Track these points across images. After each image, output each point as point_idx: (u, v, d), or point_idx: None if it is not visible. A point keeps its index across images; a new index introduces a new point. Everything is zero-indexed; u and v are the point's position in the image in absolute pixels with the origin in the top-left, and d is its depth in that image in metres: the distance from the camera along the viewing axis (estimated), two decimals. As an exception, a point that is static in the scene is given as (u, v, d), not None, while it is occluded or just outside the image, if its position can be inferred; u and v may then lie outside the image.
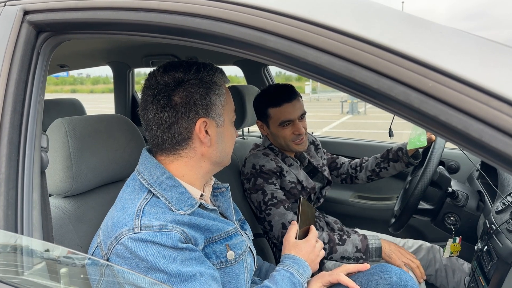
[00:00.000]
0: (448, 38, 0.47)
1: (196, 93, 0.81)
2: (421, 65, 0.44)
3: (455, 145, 0.44)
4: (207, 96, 0.82)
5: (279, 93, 1.45)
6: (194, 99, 0.81)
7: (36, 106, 0.71)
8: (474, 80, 0.42)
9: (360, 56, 0.47)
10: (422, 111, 0.43)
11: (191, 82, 0.81)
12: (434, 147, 1.43)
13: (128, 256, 0.72)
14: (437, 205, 1.49)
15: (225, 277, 0.85)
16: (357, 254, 1.33)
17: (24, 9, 0.73)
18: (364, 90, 0.47)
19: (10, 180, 0.64)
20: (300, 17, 0.52)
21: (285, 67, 0.54)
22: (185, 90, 0.81)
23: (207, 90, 0.82)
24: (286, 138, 1.48)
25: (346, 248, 1.33)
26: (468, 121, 0.41)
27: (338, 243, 1.34)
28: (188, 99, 0.81)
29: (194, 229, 0.79)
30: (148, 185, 0.81)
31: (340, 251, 1.34)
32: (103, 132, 0.98)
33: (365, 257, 1.33)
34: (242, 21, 0.57)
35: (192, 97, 0.81)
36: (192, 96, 0.81)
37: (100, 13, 0.65)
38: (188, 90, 0.81)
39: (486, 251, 1.17)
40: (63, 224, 0.90)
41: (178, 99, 0.80)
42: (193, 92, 0.81)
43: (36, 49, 0.73)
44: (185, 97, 0.80)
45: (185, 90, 0.81)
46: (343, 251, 1.34)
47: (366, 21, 0.50)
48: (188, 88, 0.81)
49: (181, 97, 0.80)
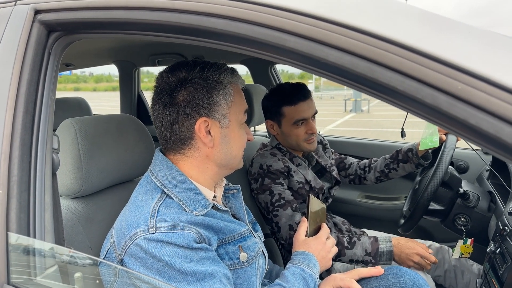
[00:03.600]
0: (477, 38, 0.46)
1: (197, 93, 0.80)
2: (449, 67, 0.42)
3: (486, 150, 0.43)
4: (210, 96, 0.81)
5: (295, 92, 1.44)
6: (195, 98, 0.80)
7: (48, 107, 0.70)
8: (506, 82, 0.40)
9: (384, 56, 0.45)
10: (450, 114, 0.42)
11: (193, 81, 0.81)
12: (445, 148, 1.41)
13: (143, 256, 0.71)
14: (447, 206, 1.48)
15: (237, 278, 0.84)
16: (367, 258, 1.31)
17: (35, 9, 0.72)
18: (389, 92, 0.46)
19: (23, 183, 0.63)
20: (321, 17, 0.50)
21: (305, 68, 0.53)
22: (187, 89, 0.80)
23: (211, 89, 0.81)
24: (299, 137, 1.47)
25: (355, 252, 1.32)
26: (500, 125, 0.40)
27: (347, 247, 1.33)
28: (189, 98, 0.80)
29: (208, 230, 0.79)
30: (162, 186, 0.81)
31: (348, 254, 1.32)
32: (112, 132, 0.97)
33: (375, 261, 1.31)
34: (260, 20, 0.55)
35: (193, 96, 0.80)
36: (193, 95, 0.80)
37: (114, 12, 0.64)
38: (190, 89, 0.80)
39: (499, 253, 1.16)
40: (73, 225, 0.89)
41: (180, 98, 0.80)
42: (194, 92, 0.80)
43: (47, 49, 0.72)
44: (187, 96, 0.80)
45: (187, 89, 0.80)
46: (351, 254, 1.32)
47: (390, 20, 0.49)
48: (190, 87, 0.80)
49: (183, 96, 0.80)
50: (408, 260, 1.32)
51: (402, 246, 1.34)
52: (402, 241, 1.35)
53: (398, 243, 1.34)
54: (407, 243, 1.35)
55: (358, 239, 1.35)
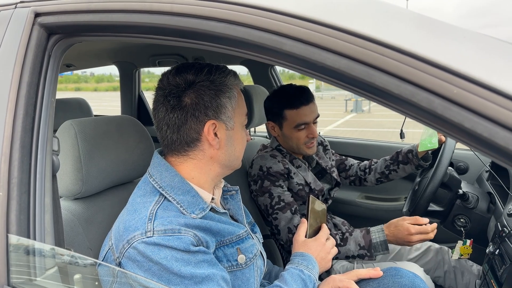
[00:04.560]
0: (473, 42, 0.46)
1: (206, 95, 0.81)
2: (445, 71, 0.43)
3: (481, 153, 0.43)
4: (217, 98, 0.82)
5: (297, 95, 1.43)
6: (204, 100, 0.80)
7: (48, 109, 0.70)
8: (501, 86, 0.41)
9: (380, 60, 0.46)
10: (445, 118, 0.42)
11: (201, 83, 0.81)
12: (444, 149, 1.41)
13: (140, 259, 0.71)
14: (447, 207, 1.48)
15: (236, 280, 0.85)
16: (362, 252, 1.28)
17: (35, 11, 0.72)
18: (385, 96, 0.46)
19: (23, 185, 0.63)
20: (318, 20, 0.51)
21: (302, 71, 0.53)
22: (195, 92, 0.80)
23: (218, 92, 0.82)
24: (299, 141, 1.46)
25: (349, 248, 1.29)
26: (494, 128, 0.40)
27: (340, 244, 1.30)
28: (198, 100, 0.80)
29: (206, 232, 0.79)
30: (160, 188, 0.81)
31: (343, 251, 1.30)
32: (112, 133, 0.97)
33: (370, 254, 1.27)
34: (257, 24, 0.56)
35: (202, 98, 0.80)
36: (202, 98, 0.80)
37: (113, 15, 0.64)
38: (198, 91, 0.80)
39: (498, 254, 1.16)
40: (73, 226, 0.90)
41: (188, 100, 0.80)
42: (203, 94, 0.80)
43: (47, 52, 0.72)
44: (195, 98, 0.80)
45: (195, 91, 0.80)
46: (346, 250, 1.30)
47: (387, 24, 0.49)
48: (198, 89, 0.80)
49: (191, 99, 0.80)
50: (406, 242, 1.26)
51: (394, 231, 1.27)
52: (392, 226, 1.28)
53: (389, 230, 1.28)
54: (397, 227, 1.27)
55: (350, 234, 1.32)
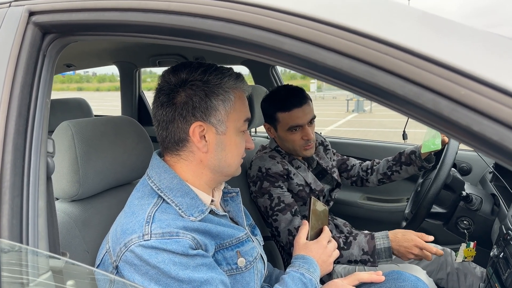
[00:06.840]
0: (481, 41, 0.44)
1: (196, 95, 0.79)
2: (451, 71, 0.41)
3: (490, 157, 0.41)
4: (208, 100, 0.79)
5: (289, 97, 1.40)
6: (193, 101, 0.79)
7: (42, 110, 0.69)
8: (510, 87, 0.39)
9: (384, 60, 0.44)
10: (452, 120, 0.40)
11: (193, 83, 0.79)
12: (448, 150, 1.39)
13: (138, 263, 0.70)
14: (450, 209, 1.46)
15: (235, 284, 0.83)
16: (365, 257, 1.27)
17: (29, 10, 0.70)
18: (389, 97, 0.44)
19: (15, 188, 0.62)
20: (319, 19, 0.49)
21: (302, 71, 0.51)
22: (186, 91, 0.79)
23: (210, 93, 0.80)
24: (295, 143, 1.45)
25: (352, 252, 1.28)
26: (505, 132, 0.38)
27: (343, 248, 1.29)
28: (187, 100, 0.79)
29: (205, 236, 0.77)
30: (158, 190, 0.79)
31: (346, 255, 1.28)
32: (110, 134, 0.96)
33: (373, 260, 1.26)
34: (256, 22, 0.54)
35: (191, 98, 0.79)
36: (191, 98, 0.79)
37: (107, 14, 0.62)
38: (189, 90, 0.79)
39: (502, 257, 1.14)
40: (70, 229, 0.88)
41: (178, 98, 0.80)
42: (193, 94, 0.79)
43: (42, 51, 0.70)
44: (185, 97, 0.79)
45: (186, 90, 0.79)
46: (349, 255, 1.28)
47: (391, 23, 0.47)
48: (189, 88, 0.79)
49: (182, 97, 0.79)
50: (408, 253, 1.25)
51: (400, 240, 1.26)
52: (399, 234, 1.28)
53: (396, 237, 1.27)
54: (405, 236, 1.27)
55: (354, 238, 1.30)
